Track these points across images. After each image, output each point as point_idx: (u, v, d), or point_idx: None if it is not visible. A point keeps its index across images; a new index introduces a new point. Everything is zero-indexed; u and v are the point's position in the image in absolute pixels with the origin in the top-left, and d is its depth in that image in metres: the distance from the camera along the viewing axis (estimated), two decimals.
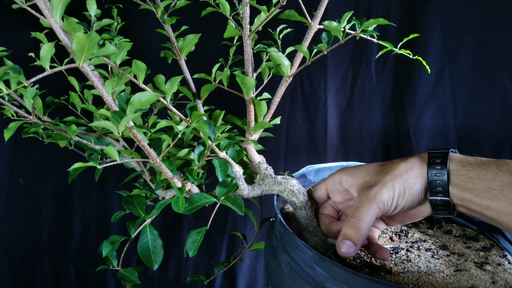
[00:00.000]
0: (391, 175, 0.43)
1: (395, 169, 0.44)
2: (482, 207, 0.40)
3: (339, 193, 0.50)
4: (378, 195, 0.42)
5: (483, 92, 0.86)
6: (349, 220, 0.43)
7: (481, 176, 0.40)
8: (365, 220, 0.42)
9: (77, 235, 1.14)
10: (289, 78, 0.48)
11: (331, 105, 0.96)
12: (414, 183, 0.43)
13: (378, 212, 0.42)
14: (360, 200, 0.43)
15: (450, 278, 0.47)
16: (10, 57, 0.43)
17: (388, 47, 0.45)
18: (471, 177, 0.41)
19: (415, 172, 0.43)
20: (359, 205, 0.43)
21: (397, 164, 0.44)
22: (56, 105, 0.50)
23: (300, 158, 1.01)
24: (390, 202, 0.42)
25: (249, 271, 1.10)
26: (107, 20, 0.46)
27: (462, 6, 0.84)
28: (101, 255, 0.49)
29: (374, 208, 0.42)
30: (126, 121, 0.35)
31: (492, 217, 0.40)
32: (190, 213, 0.46)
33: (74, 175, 0.52)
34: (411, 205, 0.44)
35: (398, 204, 0.43)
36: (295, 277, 0.44)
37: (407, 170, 0.43)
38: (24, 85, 0.32)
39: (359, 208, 0.42)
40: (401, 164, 0.44)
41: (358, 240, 0.41)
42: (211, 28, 0.93)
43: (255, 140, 0.51)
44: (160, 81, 0.46)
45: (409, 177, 0.43)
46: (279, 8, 0.43)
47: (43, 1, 0.30)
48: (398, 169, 0.44)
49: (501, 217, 0.39)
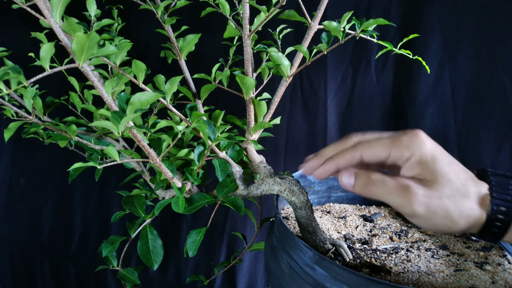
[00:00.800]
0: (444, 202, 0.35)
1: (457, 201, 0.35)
2: None
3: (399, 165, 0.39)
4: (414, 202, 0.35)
5: (483, 92, 0.86)
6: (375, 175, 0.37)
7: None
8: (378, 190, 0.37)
9: (77, 235, 1.14)
10: (289, 78, 0.48)
11: (331, 105, 0.96)
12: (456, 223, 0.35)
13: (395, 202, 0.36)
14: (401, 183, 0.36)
15: (450, 278, 0.47)
16: (10, 57, 0.43)
17: (388, 47, 0.45)
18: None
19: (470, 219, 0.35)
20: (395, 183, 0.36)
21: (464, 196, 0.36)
22: (56, 105, 0.50)
23: (300, 158, 1.01)
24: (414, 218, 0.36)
25: (249, 271, 1.10)
26: (107, 20, 0.46)
27: (462, 6, 0.84)
28: (101, 255, 0.49)
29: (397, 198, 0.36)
30: (126, 121, 0.35)
31: None
32: (190, 213, 0.46)
33: (74, 175, 0.52)
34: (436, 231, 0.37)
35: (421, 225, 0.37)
36: (295, 277, 0.44)
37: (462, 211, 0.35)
38: (24, 85, 0.32)
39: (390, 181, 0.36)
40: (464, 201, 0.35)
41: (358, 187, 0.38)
42: (211, 28, 0.93)
43: (255, 140, 0.51)
44: (160, 81, 0.46)
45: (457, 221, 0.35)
46: (279, 8, 0.43)
47: (43, 1, 0.30)
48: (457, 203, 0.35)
49: None
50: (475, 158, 0.88)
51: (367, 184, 0.37)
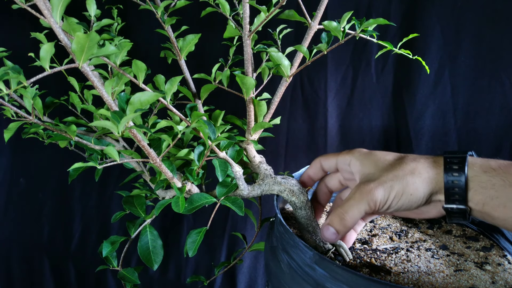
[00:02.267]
0: (393, 175, 0.41)
1: (401, 168, 0.42)
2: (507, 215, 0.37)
3: (346, 172, 0.49)
4: (372, 192, 0.41)
5: (483, 92, 0.86)
6: (337, 210, 0.43)
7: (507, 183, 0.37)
8: (351, 214, 0.42)
9: (77, 235, 1.14)
10: (288, 78, 0.48)
11: (331, 105, 0.96)
12: (417, 188, 0.41)
13: (367, 209, 0.41)
14: (354, 193, 0.42)
15: (450, 278, 0.47)
16: (10, 57, 0.43)
17: (388, 47, 0.45)
18: (494, 184, 0.38)
19: (423, 177, 0.41)
20: (351, 198, 0.42)
21: (407, 163, 0.42)
22: (56, 105, 0.50)
23: (300, 158, 1.02)
24: (383, 202, 0.41)
25: (249, 271, 1.10)
26: (107, 20, 0.46)
27: (462, 6, 0.84)
28: (101, 255, 0.49)
29: (364, 204, 0.41)
30: (126, 121, 0.35)
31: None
32: (190, 213, 0.46)
33: (74, 175, 0.52)
34: (408, 207, 0.42)
35: (391, 205, 0.41)
36: (295, 277, 0.44)
37: (413, 172, 0.41)
38: (24, 85, 0.32)
39: (349, 201, 0.42)
40: (410, 165, 0.42)
41: (340, 230, 0.42)
42: (211, 28, 0.93)
43: (255, 140, 0.51)
44: (160, 81, 0.46)
45: (413, 182, 0.41)
46: (279, 8, 0.43)
47: (43, 1, 0.30)
48: (404, 169, 0.41)
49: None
50: None
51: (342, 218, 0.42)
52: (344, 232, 0.42)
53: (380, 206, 0.41)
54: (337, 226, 0.42)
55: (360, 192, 0.42)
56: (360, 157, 0.46)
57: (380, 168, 0.43)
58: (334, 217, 0.43)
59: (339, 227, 0.42)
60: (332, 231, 0.42)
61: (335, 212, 0.43)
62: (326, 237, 0.43)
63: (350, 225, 0.42)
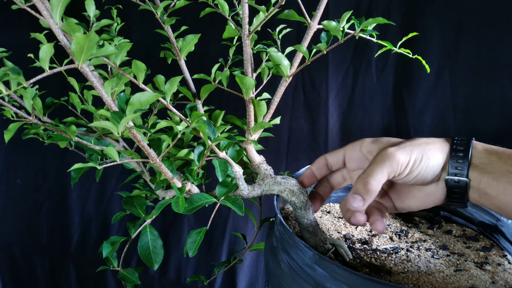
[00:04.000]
0: (411, 143, 0.44)
1: (417, 139, 0.44)
2: (498, 190, 0.40)
3: (355, 160, 0.50)
4: (394, 154, 0.42)
5: (483, 92, 0.86)
6: (360, 176, 0.43)
7: (502, 160, 0.41)
8: (375, 176, 0.42)
9: (77, 235, 1.14)
10: (288, 78, 0.48)
11: (332, 105, 0.96)
12: (434, 154, 0.43)
13: (391, 171, 0.42)
14: (375, 158, 0.43)
15: (450, 278, 0.47)
16: (10, 58, 0.43)
17: (387, 46, 0.45)
18: (492, 161, 0.41)
19: (437, 146, 0.43)
20: (373, 162, 0.43)
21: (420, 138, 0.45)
22: (56, 105, 0.50)
23: (301, 157, 1.02)
24: (405, 164, 0.42)
25: (250, 271, 1.10)
26: (106, 21, 0.46)
27: (462, 6, 0.83)
28: (101, 255, 0.49)
29: (387, 166, 0.42)
30: (125, 121, 0.35)
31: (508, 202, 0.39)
32: (190, 213, 0.46)
33: (76, 177, 0.52)
34: (426, 176, 0.43)
35: (412, 170, 0.43)
36: (295, 277, 0.44)
37: (428, 143, 0.44)
38: (23, 86, 0.32)
39: (371, 165, 0.43)
40: (424, 138, 0.45)
41: (366, 195, 0.42)
42: (211, 29, 0.93)
43: (255, 140, 0.51)
44: (160, 81, 0.46)
45: (430, 149, 0.43)
46: (278, 7, 0.43)
47: (42, 2, 0.30)
48: (420, 140, 0.44)
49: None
50: None
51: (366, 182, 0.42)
52: (370, 196, 0.42)
53: (402, 167, 0.42)
54: (363, 191, 0.42)
55: (382, 156, 0.43)
56: (371, 140, 0.48)
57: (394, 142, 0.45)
58: (358, 184, 0.43)
59: (364, 190, 0.42)
60: (359, 198, 0.42)
61: (358, 180, 0.43)
62: (355, 207, 0.42)
63: (375, 189, 0.42)
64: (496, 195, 0.40)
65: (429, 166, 0.43)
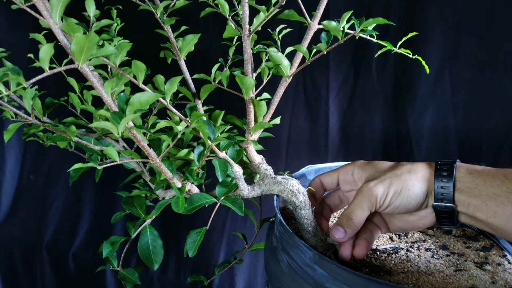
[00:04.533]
0: (392, 173, 0.45)
1: (399, 169, 0.45)
2: (488, 214, 0.40)
3: (348, 183, 0.52)
4: (372, 189, 0.44)
5: (483, 92, 0.86)
6: (345, 210, 0.46)
7: (488, 183, 0.40)
8: (356, 212, 0.45)
9: (81, 235, 1.14)
10: (288, 78, 0.47)
11: (332, 104, 0.96)
12: (414, 184, 0.43)
13: (370, 205, 0.44)
14: (357, 193, 0.46)
15: (450, 278, 0.47)
16: (10, 58, 0.43)
17: (387, 46, 0.45)
18: (477, 184, 0.41)
19: (418, 175, 0.44)
20: (355, 197, 0.46)
21: (404, 165, 0.46)
22: (56, 106, 0.50)
23: (301, 157, 1.02)
24: (383, 197, 0.44)
25: (249, 271, 1.10)
26: (106, 21, 0.46)
27: (462, 6, 0.83)
28: (101, 255, 0.49)
29: (366, 201, 0.44)
30: (125, 121, 0.35)
31: (498, 225, 0.39)
32: (190, 213, 0.46)
33: (75, 176, 0.52)
34: (408, 206, 0.44)
35: (391, 202, 0.44)
36: (295, 277, 0.44)
37: (410, 171, 0.44)
38: (23, 86, 0.32)
39: (353, 201, 0.46)
40: (407, 166, 0.45)
41: (348, 228, 0.45)
42: (211, 29, 0.93)
43: (254, 140, 0.51)
44: (160, 81, 0.46)
45: (410, 178, 0.44)
46: (278, 8, 0.43)
47: (42, 2, 0.30)
48: (402, 169, 0.45)
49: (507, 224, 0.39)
50: (475, 158, 0.88)
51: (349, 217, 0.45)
52: (352, 229, 0.45)
53: (380, 201, 0.44)
54: (345, 225, 0.45)
55: (361, 191, 0.45)
56: (361, 165, 0.50)
57: (380, 170, 0.47)
58: (342, 217, 0.46)
59: (346, 226, 0.45)
60: (341, 230, 0.46)
61: (342, 213, 0.46)
62: (336, 238, 0.46)
63: (357, 224, 0.45)
64: (486, 218, 0.40)
65: (409, 196, 0.44)
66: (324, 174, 0.54)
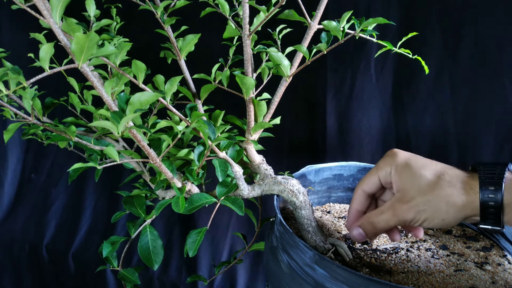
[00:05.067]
0: (427, 199, 0.41)
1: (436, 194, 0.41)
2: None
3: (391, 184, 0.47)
4: (403, 213, 0.43)
5: (483, 92, 0.86)
6: (371, 217, 0.45)
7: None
8: (382, 225, 0.45)
9: (81, 234, 1.14)
10: (288, 78, 0.48)
11: (330, 105, 0.96)
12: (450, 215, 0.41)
13: (397, 224, 0.44)
14: (388, 208, 0.44)
15: (450, 278, 0.47)
16: (10, 58, 0.43)
17: (387, 46, 0.45)
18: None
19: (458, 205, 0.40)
20: (385, 211, 0.44)
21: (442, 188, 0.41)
22: (56, 106, 0.50)
23: (300, 157, 1.02)
24: (413, 222, 0.43)
25: (249, 271, 1.10)
26: (106, 21, 0.46)
27: (462, 6, 0.83)
28: (101, 255, 0.49)
29: (393, 221, 0.44)
30: (125, 121, 0.35)
31: None
32: (190, 213, 0.46)
33: (74, 176, 0.52)
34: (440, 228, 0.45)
35: (422, 225, 0.43)
36: (295, 277, 0.44)
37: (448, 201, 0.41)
38: (23, 86, 0.32)
39: (383, 214, 0.45)
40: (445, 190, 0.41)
41: (370, 234, 0.46)
42: (211, 29, 0.93)
43: (255, 140, 0.51)
44: (160, 81, 0.46)
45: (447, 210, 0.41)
46: (279, 8, 0.43)
47: (42, 2, 0.30)
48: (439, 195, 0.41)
49: None
50: (475, 158, 0.87)
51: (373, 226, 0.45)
52: (371, 236, 0.46)
53: (410, 224, 0.44)
54: (367, 231, 0.46)
55: (392, 210, 0.44)
56: (399, 168, 0.45)
57: (416, 187, 0.43)
58: (366, 221, 0.46)
59: (368, 232, 0.46)
60: (361, 232, 0.46)
61: (368, 219, 0.46)
62: (354, 236, 0.46)
63: (378, 233, 0.46)
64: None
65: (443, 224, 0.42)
66: (364, 183, 0.48)
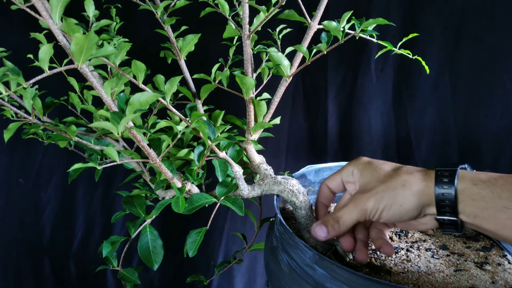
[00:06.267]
0: (385, 186, 0.44)
1: (394, 180, 0.44)
2: (498, 226, 0.39)
3: (352, 184, 0.50)
4: (363, 202, 0.44)
5: (483, 92, 0.86)
6: (333, 213, 0.46)
7: (496, 195, 0.39)
8: (344, 220, 0.45)
9: (80, 234, 1.14)
10: (288, 78, 0.47)
11: (331, 104, 0.96)
12: (407, 199, 0.42)
13: (359, 217, 0.44)
14: (349, 201, 0.46)
15: (450, 278, 0.47)
16: (10, 58, 0.43)
17: (388, 47, 0.45)
18: (484, 196, 0.39)
19: (413, 189, 0.42)
20: (347, 205, 0.46)
21: (400, 175, 0.44)
22: (56, 105, 0.50)
23: (301, 157, 1.02)
24: (373, 211, 0.44)
25: (249, 271, 1.10)
26: (105, 21, 0.46)
27: (462, 6, 0.83)
28: (101, 255, 0.49)
29: (355, 212, 0.44)
30: (125, 121, 0.35)
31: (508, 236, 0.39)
32: (190, 213, 0.46)
33: (74, 175, 0.52)
34: (399, 218, 0.43)
35: (382, 215, 0.43)
36: (295, 277, 0.44)
37: (405, 185, 0.43)
38: (23, 86, 0.32)
39: (344, 208, 0.46)
40: (402, 177, 0.43)
41: (332, 231, 0.46)
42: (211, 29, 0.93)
43: (255, 140, 0.51)
44: (160, 81, 0.46)
45: (404, 194, 0.42)
46: (279, 8, 0.43)
47: (41, 2, 0.30)
48: (397, 181, 0.43)
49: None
50: (475, 158, 0.88)
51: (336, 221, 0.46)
52: (335, 234, 0.46)
53: (371, 215, 0.44)
54: (330, 227, 0.46)
55: (353, 201, 0.45)
56: (361, 166, 0.49)
57: (375, 178, 0.46)
58: (329, 219, 0.46)
59: (331, 228, 0.46)
60: (325, 230, 0.46)
61: (331, 215, 0.46)
62: (317, 234, 0.46)
63: (342, 229, 0.46)
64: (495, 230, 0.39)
65: (401, 211, 0.43)
66: (329, 179, 0.52)
